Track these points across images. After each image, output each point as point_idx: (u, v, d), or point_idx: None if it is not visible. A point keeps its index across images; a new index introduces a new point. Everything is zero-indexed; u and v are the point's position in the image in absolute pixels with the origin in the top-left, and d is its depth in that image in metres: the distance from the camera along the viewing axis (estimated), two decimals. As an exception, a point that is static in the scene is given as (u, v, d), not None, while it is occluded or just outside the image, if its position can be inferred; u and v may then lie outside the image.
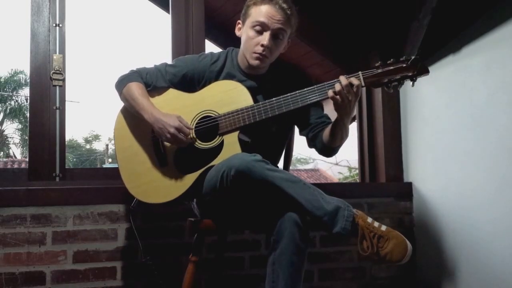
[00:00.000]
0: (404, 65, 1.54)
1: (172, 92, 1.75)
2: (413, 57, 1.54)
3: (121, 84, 1.74)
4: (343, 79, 1.53)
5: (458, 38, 2.10)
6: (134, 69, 1.79)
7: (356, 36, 2.58)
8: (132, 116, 1.75)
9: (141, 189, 1.71)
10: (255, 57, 1.65)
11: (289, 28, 1.66)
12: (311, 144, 1.78)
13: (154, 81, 1.75)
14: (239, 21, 1.72)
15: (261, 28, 1.62)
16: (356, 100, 1.56)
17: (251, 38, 1.64)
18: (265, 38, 1.62)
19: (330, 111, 1.67)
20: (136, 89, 1.70)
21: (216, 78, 1.74)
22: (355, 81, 1.52)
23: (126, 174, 1.74)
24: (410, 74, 1.54)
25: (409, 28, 2.21)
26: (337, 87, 1.52)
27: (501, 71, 1.90)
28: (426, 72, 1.54)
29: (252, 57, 1.65)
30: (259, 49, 1.63)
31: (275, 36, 1.64)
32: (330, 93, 1.53)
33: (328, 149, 1.71)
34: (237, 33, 1.73)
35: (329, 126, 1.66)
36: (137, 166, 1.73)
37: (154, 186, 1.69)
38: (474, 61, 2.02)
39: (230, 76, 1.73)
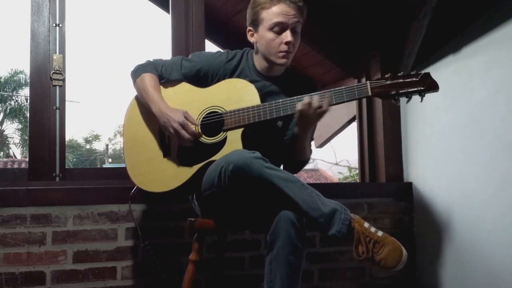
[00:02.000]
0: (414, 79, 1.54)
1: (184, 86, 1.78)
2: (423, 72, 1.54)
3: (136, 73, 1.78)
4: (306, 98, 1.56)
5: (458, 38, 2.10)
6: (151, 59, 1.82)
7: (356, 36, 2.58)
8: (143, 106, 1.78)
9: (143, 177, 1.75)
10: (282, 55, 1.66)
11: (302, 18, 1.68)
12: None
13: (168, 73, 1.78)
14: (249, 28, 1.72)
15: (280, 28, 1.64)
16: (315, 120, 1.60)
17: (272, 40, 1.65)
18: (287, 35, 1.64)
19: (330, 110, 1.67)
20: (149, 80, 1.74)
21: (230, 76, 1.76)
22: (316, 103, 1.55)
23: (130, 161, 1.78)
24: (419, 88, 1.54)
25: (409, 28, 2.21)
26: (306, 99, 1.55)
27: (501, 71, 1.90)
28: (436, 88, 1.53)
29: (279, 57, 1.67)
30: (284, 47, 1.65)
31: (293, 30, 1.66)
32: (299, 105, 1.56)
33: (289, 161, 1.77)
34: (251, 39, 1.74)
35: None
36: (141, 155, 1.77)
37: (155, 176, 1.72)
38: (474, 61, 2.02)
39: (243, 75, 1.75)
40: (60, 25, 2.21)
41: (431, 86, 1.53)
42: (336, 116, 3.41)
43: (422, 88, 1.54)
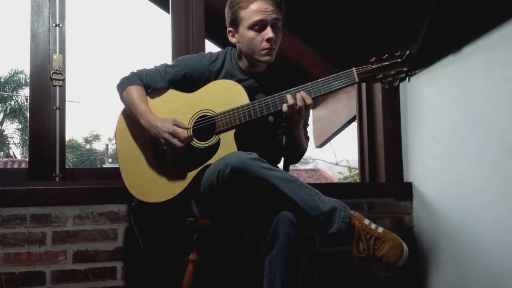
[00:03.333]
0: (399, 60, 1.54)
1: (171, 93, 1.77)
2: (407, 52, 1.54)
3: (122, 87, 1.77)
4: (289, 98, 1.57)
5: (458, 38, 2.10)
6: (135, 71, 1.81)
7: (356, 36, 2.58)
8: (132, 117, 1.77)
9: (141, 188, 1.74)
10: (265, 53, 1.66)
11: (281, 13, 1.68)
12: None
13: (153, 82, 1.78)
14: (230, 28, 1.72)
15: (260, 25, 1.64)
16: (304, 116, 1.62)
17: (253, 39, 1.65)
18: (268, 32, 1.64)
19: (330, 110, 1.68)
20: (135, 93, 1.73)
21: (216, 78, 1.75)
22: (299, 102, 1.57)
23: (127, 174, 1.77)
24: (405, 69, 1.54)
25: (409, 28, 2.21)
26: (290, 100, 1.57)
27: (501, 71, 1.90)
28: (422, 66, 1.54)
29: (262, 55, 1.67)
30: (266, 45, 1.65)
31: (274, 26, 1.65)
32: (285, 107, 1.58)
33: (286, 153, 1.78)
34: (232, 40, 1.74)
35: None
36: (137, 166, 1.75)
37: (154, 186, 1.71)
38: (474, 61, 2.02)
39: (229, 76, 1.75)
40: (60, 25, 2.21)
41: (417, 64, 1.54)
42: (336, 116, 3.41)
43: (408, 68, 1.53)
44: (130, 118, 1.78)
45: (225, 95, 1.68)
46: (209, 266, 1.97)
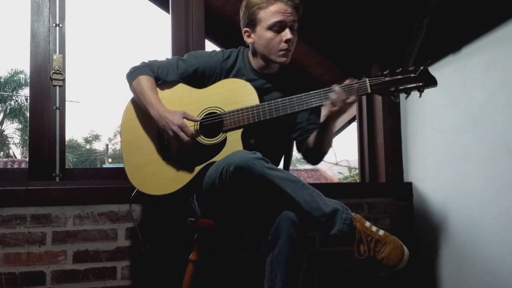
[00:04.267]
0: (413, 75, 1.54)
1: (181, 87, 1.77)
2: (421, 68, 1.54)
3: (132, 76, 1.76)
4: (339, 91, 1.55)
5: (458, 38, 2.10)
6: (146, 61, 1.81)
7: (356, 35, 2.58)
8: (140, 108, 1.76)
9: (143, 180, 1.74)
10: (282, 54, 1.66)
11: (298, 15, 1.69)
12: (298, 147, 1.82)
13: (165, 75, 1.77)
14: (246, 29, 1.71)
15: (279, 26, 1.64)
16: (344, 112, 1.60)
17: (271, 39, 1.65)
18: (287, 33, 1.64)
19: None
20: (145, 83, 1.72)
21: (227, 75, 1.75)
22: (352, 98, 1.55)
23: (129, 164, 1.77)
24: (417, 84, 1.53)
25: (410, 28, 2.21)
26: (333, 96, 1.55)
27: (501, 71, 1.90)
28: (434, 84, 1.53)
29: (279, 55, 1.67)
30: (284, 45, 1.65)
31: (291, 27, 1.66)
32: (328, 105, 1.56)
33: (314, 154, 1.74)
34: (248, 40, 1.73)
35: (316, 131, 1.69)
36: (140, 158, 1.76)
37: (155, 178, 1.71)
38: (474, 61, 2.02)
39: (240, 74, 1.75)
40: (60, 25, 2.21)
41: (430, 81, 1.53)
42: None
43: (421, 84, 1.54)
44: (138, 108, 1.78)
45: (235, 94, 1.67)
46: (209, 266, 1.97)
